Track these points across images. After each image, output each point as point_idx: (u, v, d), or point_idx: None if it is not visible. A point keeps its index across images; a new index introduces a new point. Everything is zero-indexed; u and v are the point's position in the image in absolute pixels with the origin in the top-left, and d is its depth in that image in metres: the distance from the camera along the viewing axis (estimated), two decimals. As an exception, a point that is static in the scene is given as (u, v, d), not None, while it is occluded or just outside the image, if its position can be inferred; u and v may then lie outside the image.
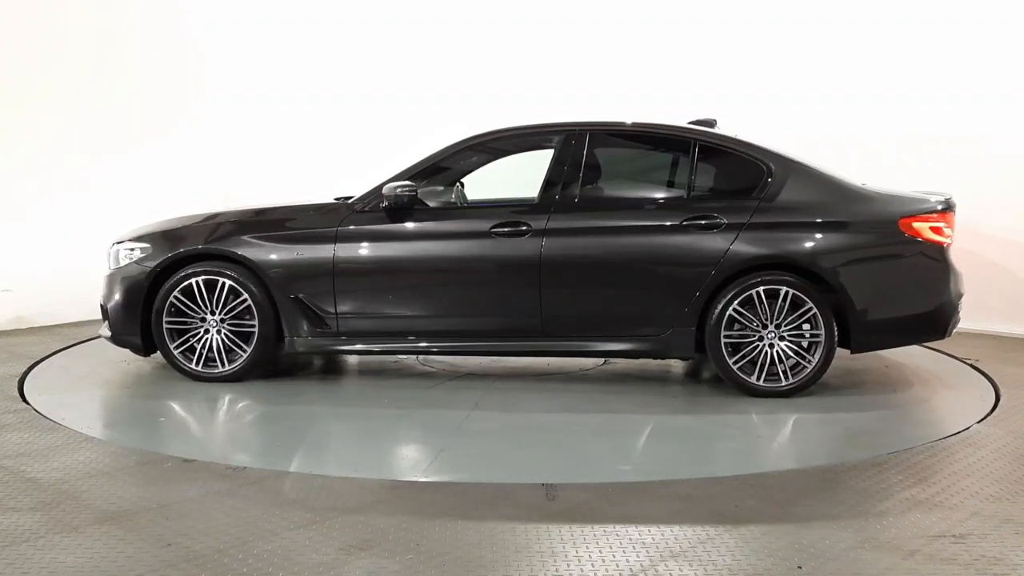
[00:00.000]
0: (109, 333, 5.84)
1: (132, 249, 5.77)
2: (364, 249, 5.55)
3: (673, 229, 5.33)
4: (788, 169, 5.38)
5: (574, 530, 3.44)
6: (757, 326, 5.25)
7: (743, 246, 5.23)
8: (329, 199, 5.92)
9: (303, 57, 9.46)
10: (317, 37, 9.51)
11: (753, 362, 5.28)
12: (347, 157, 9.10)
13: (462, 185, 6.24)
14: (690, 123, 5.85)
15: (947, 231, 5.28)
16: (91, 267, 7.70)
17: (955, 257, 5.40)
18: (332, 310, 5.54)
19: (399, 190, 5.43)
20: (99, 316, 5.92)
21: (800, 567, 3.11)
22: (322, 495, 3.78)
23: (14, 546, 3.27)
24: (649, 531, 3.44)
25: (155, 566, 3.11)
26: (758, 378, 5.28)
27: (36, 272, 7.59)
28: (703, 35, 8.67)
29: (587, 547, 3.28)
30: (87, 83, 7.91)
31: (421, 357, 6.38)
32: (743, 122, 6.74)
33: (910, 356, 6.35)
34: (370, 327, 5.57)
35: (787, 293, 5.19)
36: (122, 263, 5.77)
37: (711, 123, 5.85)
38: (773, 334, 5.25)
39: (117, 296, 5.73)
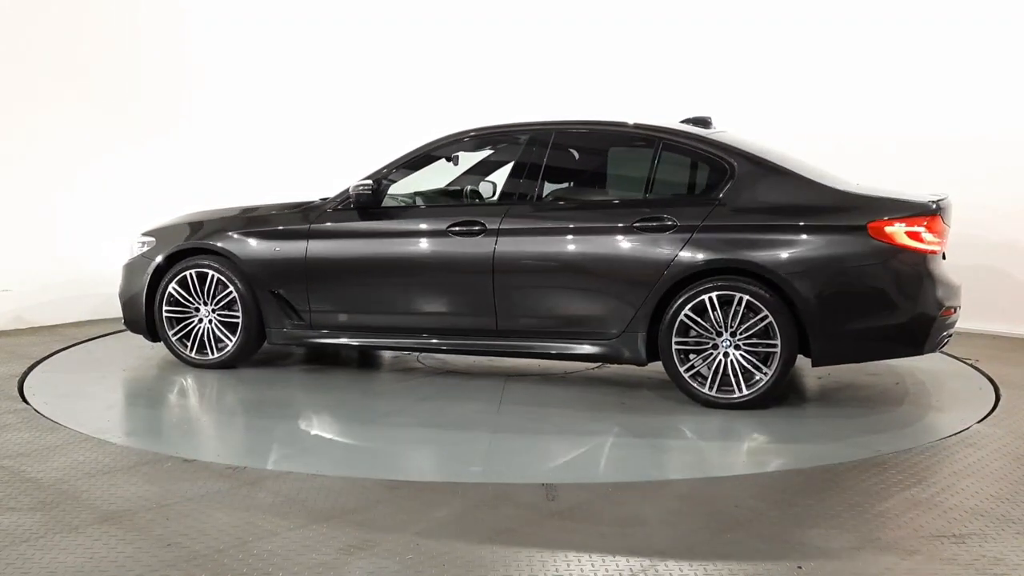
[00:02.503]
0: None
1: (142, 243, 6.19)
2: (332, 246, 5.74)
3: (623, 231, 5.19)
4: (753, 169, 5.13)
5: (574, 530, 3.44)
6: (712, 333, 5.00)
7: (694, 249, 5.02)
8: (315, 199, 6.03)
9: (304, 57, 9.45)
10: (317, 37, 9.50)
11: (709, 370, 5.02)
12: (348, 156, 9.08)
13: (494, 185, 6.26)
14: (683, 121, 5.79)
15: (928, 237, 4.88)
16: (91, 267, 7.75)
17: (945, 264, 5.07)
18: (305, 304, 5.76)
19: (360, 189, 5.61)
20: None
21: (800, 567, 3.12)
22: (322, 495, 3.78)
23: (14, 546, 3.28)
24: (649, 531, 3.44)
25: (155, 566, 3.11)
26: (711, 388, 5.03)
27: (36, 272, 7.59)
28: (703, 35, 8.66)
29: (587, 547, 3.28)
30: (87, 83, 7.90)
31: (418, 353, 6.40)
32: (745, 121, 6.75)
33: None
34: (338, 321, 5.77)
35: (742, 300, 4.94)
36: (134, 255, 6.19)
37: (706, 121, 5.77)
38: (728, 342, 4.99)
39: (127, 286, 6.16)
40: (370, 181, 5.66)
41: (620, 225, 5.21)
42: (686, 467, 4.31)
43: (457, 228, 5.47)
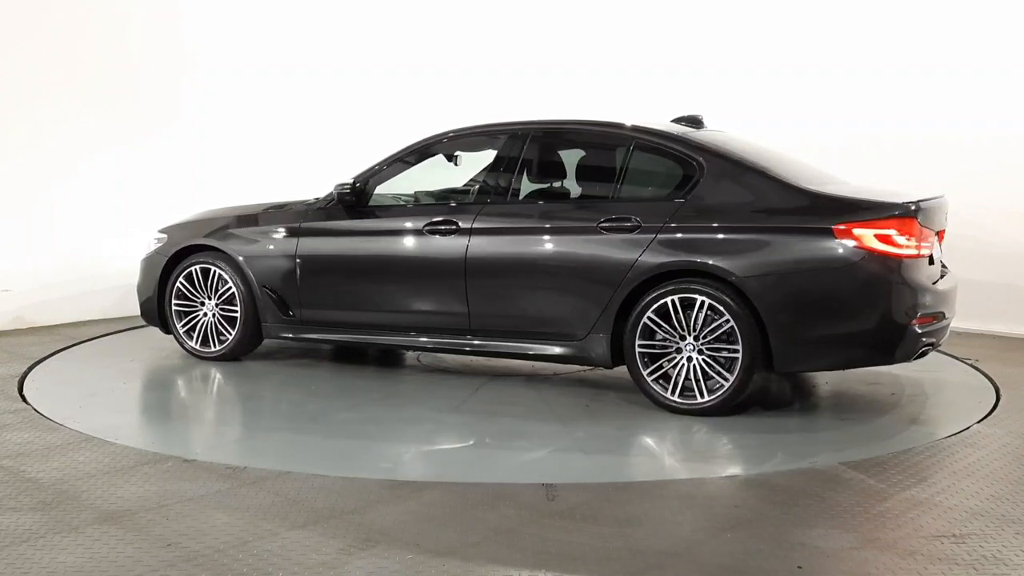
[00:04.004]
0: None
1: (157, 239, 6.47)
2: (318, 244, 5.92)
3: (588, 231, 5.14)
4: (722, 168, 5.01)
5: (574, 530, 3.43)
6: (676, 337, 4.88)
7: (656, 251, 4.92)
8: (310, 198, 6.13)
9: (308, 55, 9.43)
10: (318, 37, 9.50)
11: (674, 375, 4.91)
12: (352, 154, 9.06)
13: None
14: (674, 120, 5.73)
15: (900, 240, 4.64)
16: (92, 267, 7.75)
17: (932, 269, 4.90)
18: (296, 300, 5.93)
19: (341, 189, 5.79)
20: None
21: (800, 567, 3.12)
22: (322, 495, 3.78)
23: (14, 546, 3.28)
24: (649, 531, 3.44)
25: (155, 566, 3.11)
26: (672, 393, 4.90)
27: (36, 272, 7.59)
28: (703, 34, 8.66)
29: (587, 547, 3.28)
30: (87, 82, 7.88)
31: (416, 352, 6.40)
32: (748, 122, 6.74)
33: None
34: (325, 317, 5.92)
35: (703, 303, 4.81)
36: (150, 250, 6.49)
37: (698, 120, 5.64)
38: (692, 346, 4.85)
39: (144, 280, 6.47)
40: (351, 180, 5.78)
41: (586, 225, 5.18)
42: (685, 468, 4.31)
43: (432, 227, 5.53)
